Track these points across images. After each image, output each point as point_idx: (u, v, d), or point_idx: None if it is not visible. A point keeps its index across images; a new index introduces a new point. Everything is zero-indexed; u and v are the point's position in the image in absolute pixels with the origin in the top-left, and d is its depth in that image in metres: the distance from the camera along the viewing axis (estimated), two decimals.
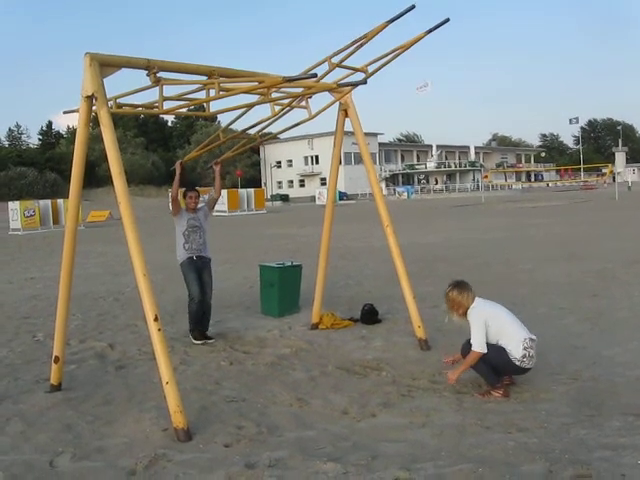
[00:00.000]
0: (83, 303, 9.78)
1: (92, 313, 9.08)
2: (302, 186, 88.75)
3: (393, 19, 5.32)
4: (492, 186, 78.71)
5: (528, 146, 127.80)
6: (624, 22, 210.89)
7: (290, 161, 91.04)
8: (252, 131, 7.52)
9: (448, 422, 4.48)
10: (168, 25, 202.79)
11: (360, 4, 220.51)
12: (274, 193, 79.38)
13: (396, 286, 7.07)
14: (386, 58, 5.73)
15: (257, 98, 5.90)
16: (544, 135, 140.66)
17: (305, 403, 5.04)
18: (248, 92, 5.64)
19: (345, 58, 5.67)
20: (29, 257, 18.75)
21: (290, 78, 4.99)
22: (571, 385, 5.19)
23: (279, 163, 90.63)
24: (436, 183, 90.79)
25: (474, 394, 5.06)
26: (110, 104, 5.16)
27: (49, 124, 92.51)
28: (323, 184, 74.07)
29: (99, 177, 66.29)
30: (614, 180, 58.20)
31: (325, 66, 5.67)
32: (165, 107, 5.26)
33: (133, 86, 5.48)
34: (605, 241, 16.11)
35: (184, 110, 6.10)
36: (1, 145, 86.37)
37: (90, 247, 19.88)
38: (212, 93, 5.15)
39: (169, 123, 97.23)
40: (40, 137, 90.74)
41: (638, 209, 29.96)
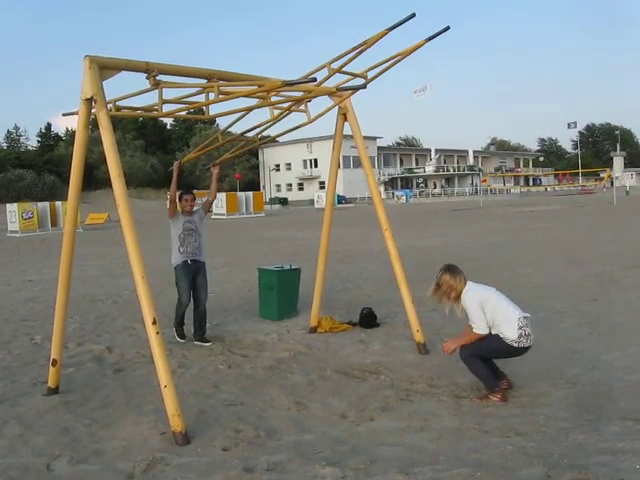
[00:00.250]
0: (81, 306, 9.76)
1: (90, 316, 9.07)
2: (301, 189, 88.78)
3: (393, 27, 5.32)
4: (490, 190, 78.77)
5: (527, 150, 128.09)
6: (622, 27, 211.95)
7: (289, 164, 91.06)
8: (251, 134, 7.53)
9: (446, 426, 4.48)
10: (168, 27, 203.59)
11: (360, 5, 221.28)
12: (273, 196, 79.38)
13: (395, 290, 7.07)
14: (386, 64, 5.74)
15: (256, 101, 5.91)
16: (542, 139, 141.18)
17: (303, 407, 5.03)
18: (248, 96, 5.64)
19: (345, 64, 5.67)
20: (27, 259, 18.72)
21: (290, 82, 5.01)
22: (570, 389, 5.19)
23: (278, 166, 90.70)
24: (434, 187, 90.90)
25: (472, 398, 5.06)
26: (109, 107, 5.15)
27: (48, 126, 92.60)
28: (322, 187, 74.12)
29: (98, 179, 66.33)
30: (612, 184, 58.30)
31: (325, 71, 5.68)
32: (164, 110, 5.26)
33: (132, 89, 5.49)
34: (603, 245, 16.14)
35: (183, 113, 6.10)
36: None
37: (88, 249, 19.84)
38: (211, 96, 5.16)
39: (168, 126, 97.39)
40: (39, 139, 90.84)
41: (636, 213, 30.03)
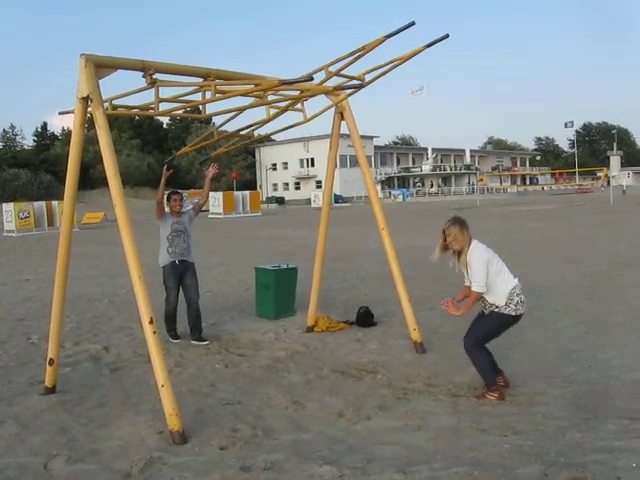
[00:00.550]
0: (78, 305, 9.74)
1: (87, 315, 9.05)
2: (298, 189, 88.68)
3: (392, 34, 5.35)
4: (487, 189, 78.98)
5: (523, 149, 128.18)
6: (620, 27, 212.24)
7: (286, 164, 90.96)
8: (246, 131, 7.51)
9: (443, 425, 4.48)
10: (165, 26, 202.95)
11: (360, 5, 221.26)
12: (270, 195, 79.24)
13: (392, 289, 7.08)
14: (384, 68, 5.75)
15: (253, 100, 5.90)
16: (539, 139, 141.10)
17: (300, 406, 5.04)
18: (244, 95, 5.64)
19: (343, 68, 5.68)
20: (23, 259, 18.67)
21: (287, 81, 5.01)
22: (566, 388, 5.21)
23: (274, 166, 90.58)
24: (431, 186, 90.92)
25: (469, 397, 5.07)
26: (105, 105, 5.15)
27: (44, 125, 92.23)
28: (319, 187, 74.08)
29: (94, 179, 66.11)
30: (609, 184, 58.43)
31: (322, 74, 5.68)
32: (161, 109, 5.26)
33: (129, 87, 5.48)
34: (600, 244, 16.17)
35: (180, 112, 6.10)
36: None
37: (85, 249, 19.80)
38: (208, 95, 5.15)
39: (164, 125, 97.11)
40: (35, 138, 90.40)
41: (632, 213, 30.08)
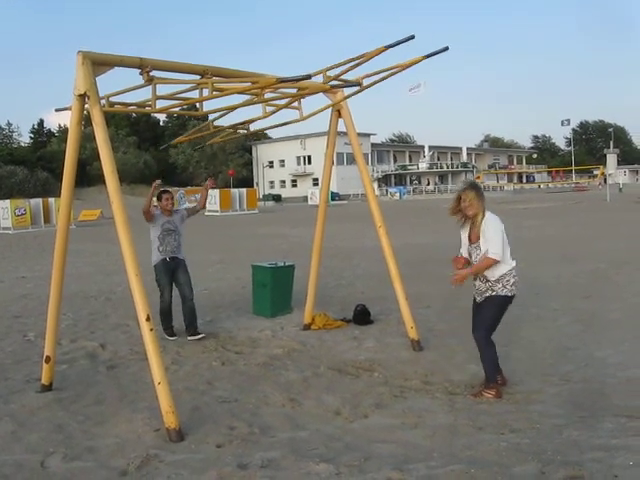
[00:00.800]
0: (74, 302, 9.72)
1: (83, 312, 9.03)
2: (294, 186, 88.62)
3: (392, 45, 5.42)
4: (484, 187, 78.98)
5: (520, 147, 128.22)
6: (617, 25, 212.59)
7: (282, 161, 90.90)
8: (241, 125, 7.49)
9: (440, 423, 4.49)
10: (162, 23, 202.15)
11: (360, 1, 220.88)
12: (266, 193, 79.18)
13: (389, 287, 7.08)
14: (382, 74, 5.76)
15: (250, 97, 5.89)
16: (536, 137, 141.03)
17: (297, 404, 5.03)
18: (242, 92, 5.63)
19: (341, 74, 5.72)
20: (20, 256, 18.64)
21: (284, 79, 5.00)
22: (563, 386, 5.21)
23: (271, 163, 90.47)
24: (428, 184, 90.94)
25: (466, 395, 5.07)
26: (102, 102, 5.13)
27: (40, 122, 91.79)
28: (315, 184, 73.97)
29: (90, 176, 65.85)
30: (605, 182, 58.50)
31: (320, 77, 5.68)
32: (158, 106, 5.25)
33: (126, 85, 5.47)
34: (597, 242, 16.20)
35: (177, 109, 6.08)
36: None
37: (81, 246, 19.76)
38: (205, 93, 5.14)
39: (161, 122, 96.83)
40: (31, 135, 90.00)
41: (629, 210, 30.16)
